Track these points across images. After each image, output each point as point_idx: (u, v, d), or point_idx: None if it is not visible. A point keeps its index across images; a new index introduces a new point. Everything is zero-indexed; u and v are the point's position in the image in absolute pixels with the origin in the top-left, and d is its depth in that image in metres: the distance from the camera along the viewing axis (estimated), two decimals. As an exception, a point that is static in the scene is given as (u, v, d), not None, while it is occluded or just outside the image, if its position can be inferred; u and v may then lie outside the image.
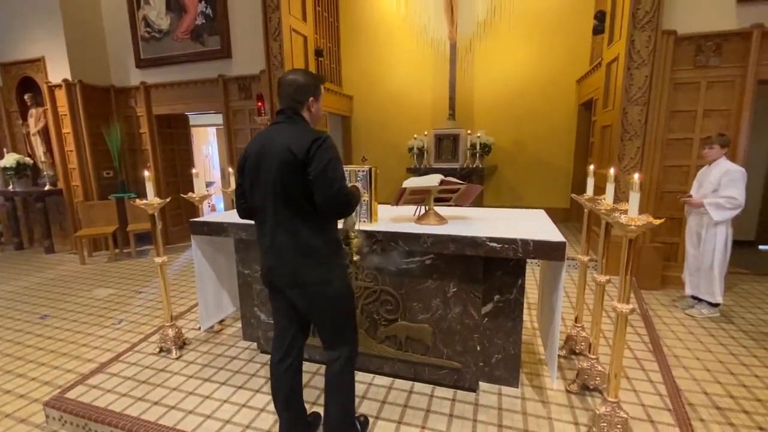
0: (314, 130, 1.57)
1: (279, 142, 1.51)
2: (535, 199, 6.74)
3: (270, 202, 1.56)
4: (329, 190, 1.48)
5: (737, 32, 3.50)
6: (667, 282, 3.93)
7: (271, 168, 1.52)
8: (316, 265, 1.59)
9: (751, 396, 2.28)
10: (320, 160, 1.47)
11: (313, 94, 1.62)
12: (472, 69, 6.89)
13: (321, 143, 1.49)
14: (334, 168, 1.49)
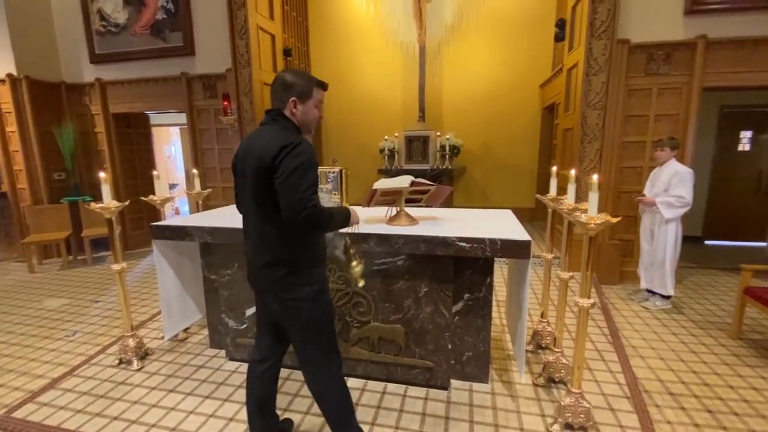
0: (291, 134, 1.48)
1: (257, 143, 1.48)
2: (503, 200, 6.94)
3: (249, 206, 1.56)
4: (289, 200, 1.38)
5: (684, 42, 3.77)
6: (624, 277, 4.15)
7: (249, 171, 1.49)
8: (287, 275, 1.53)
9: (700, 381, 2.45)
10: (286, 167, 1.39)
11: (298, 95, 1.52)
12: (440, 72, 7.01)
13: (290, 149, 1.40)
14: (299, 176, 1.38)
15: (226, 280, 2.54)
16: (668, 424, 2.07)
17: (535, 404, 2.18)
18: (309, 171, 1.42)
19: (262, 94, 5.03)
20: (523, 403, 2.19)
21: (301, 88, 1.53)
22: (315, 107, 1.58)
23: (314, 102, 1.57)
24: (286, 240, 1.51)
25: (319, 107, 1.60)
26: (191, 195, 3.35)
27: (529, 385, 2.35)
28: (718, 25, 3.66)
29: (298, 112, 1.55)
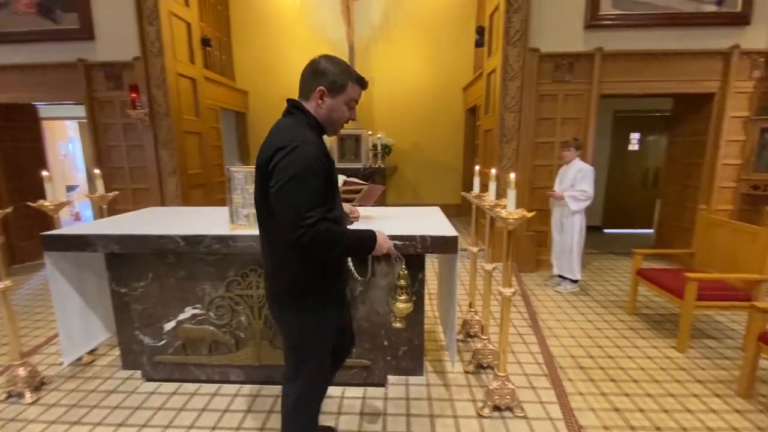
0: (299, 132, 1.25)
1: (266, 140, 1.29)
2: (432, 197, 7.21)
3: (257, 210, 1.36)
4: (283, 218, 1.19)
5: (584, 54, 4.23)
6: (539, 264, 4.57)
7: (256, 172, 1.30)
8: (287, 286, 1.35)
9: (605, 354, 2.78)
10: (280, 176, 1.17)
11: (328, 86, 1.29)
12: (370, 71, 7.04)
13: (287, 152, 1.17)
14: (294, 188, 1.16)
15: (140, 293, 2.28)
16: (580, 395, 2.32)
17: (466, 391, 2.29)
18: (306, 181, 1.17)
19: (178, 87, 4.63)
20: (455, 391, 2.29)
21: (334, 79, 1.29)
22: (346, 105, 1.34)
23: (346, 99, 1.33)
24: (288, 251, 1.28)
25: (352, 107, 1.37)
26: (94, 198, 2.95)
27: (460, 373, 2.47)
28: (613, 39, 4.17)
29: (323, 106, 1.32)
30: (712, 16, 4.04)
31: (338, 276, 1.44)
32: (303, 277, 1.33)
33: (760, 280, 2.68)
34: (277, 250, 1.33)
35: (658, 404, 2.23)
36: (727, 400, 2.26)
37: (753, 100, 4.16)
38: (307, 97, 1.32)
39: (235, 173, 2.11)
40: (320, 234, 1.17)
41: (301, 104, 1.34)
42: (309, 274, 1.33)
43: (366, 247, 1.36)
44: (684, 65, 4.17)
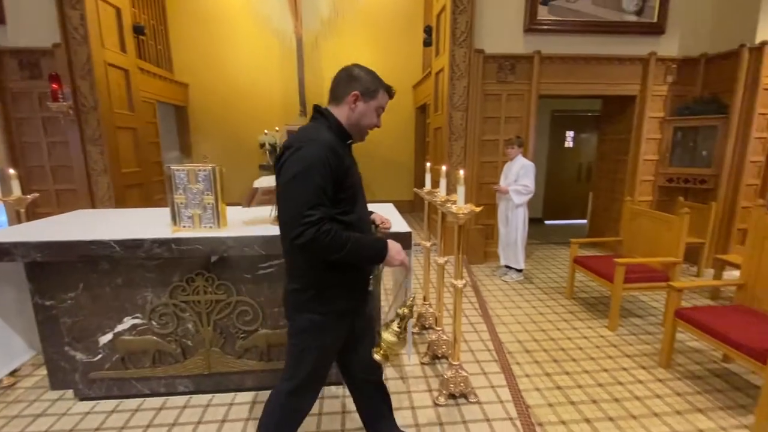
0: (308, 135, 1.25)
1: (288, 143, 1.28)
2: (386, 193, 7.28)
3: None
4: (283, 217, 1.19)
5: (524, 56, 4.48)
6: (488, 256, 4.79)
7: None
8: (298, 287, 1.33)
9: (548, 337, 2.99)
10: (284, 175, 1.18)
11: (362, 90, 1.32)
12: (320, 66, 6.94)
13: (292, 152, 1.18)
14: (295, 187, 1.15)
15: (69, 305, 2.07)
16: (527, 377, 2.48)
17: (423, 382, 2.36)
18: (308, 179, 1.15)
19: (107, 78, 4.24)
20: (412, 382, 2.35)
21: (367, 84, 1.34)
22: (375, 111, 1.38)
23: (376, 105, 1.37)
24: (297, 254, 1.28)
25: (379, 114, 1.40)
26: (8, 202, 2.63)
27: (417, 365, 2.53)
28: (549, 43, 4.45)
29: (356, 110, 1.34)
30: (633, 25, 4.46)
31: (352, 284, 1.39)
32: (314, 280, 1.31)
33: (675, 263, 3.02)
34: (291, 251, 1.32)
35: (594, 379, 2.44)
36: (651, 371, 2.53)
37: (667, 102, 4.66)
38: (340, 101, 1.35)
39: (176, 171, 1.98)
40: (320, 234, 1.14)
41: (325, 109, 1.37)
42: (319, 277, 1.30)
43: (374, 257, 1.31)
44: (610, 69, 4.57)
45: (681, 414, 2.13)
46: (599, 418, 2.11)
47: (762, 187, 4.28)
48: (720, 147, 4.29)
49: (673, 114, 4.63)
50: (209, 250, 1.93)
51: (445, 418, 2.05)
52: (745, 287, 2.54)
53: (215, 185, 1.97)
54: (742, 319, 2.28)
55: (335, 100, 1.36)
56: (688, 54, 4.54)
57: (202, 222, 2.01)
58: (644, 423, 2.06)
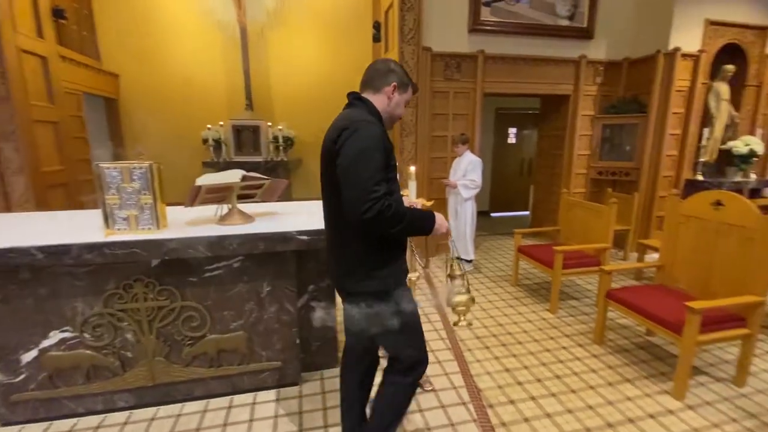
0: (359, 117, 1.31)
1: (330, 129, 1.36)
2: (339, 189, 7.22)
3: (324, 195, 1.43)
4: (349, 193, 1.21)
5: (469, 55, 4.64)
6: (440, 248, 4.94)
7: (322, 159, 1.39)
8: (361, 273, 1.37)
9: (496, 323, 3.15)
10: (346, 153, 1.23)
11: (398, 82, 1.41)
12: (267, 59, 6.69)
13: (352, 131, 1.23)
14: (361, 163, 1.20)
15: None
16: (478, 362, 2.60)
17: (380, 375, 2.38)
18: (374, 156, 1.22)
19: (21, 66, 3.77)
20: (369, 377, 2.37)
21: (402, 78, 1.43)
22: (404, 104, 1.47)
23: (406, 98, 1.47)
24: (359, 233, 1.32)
25: (406, 107, 1.50)
26: None
27: (373, 359, 2.56)
28: (492, 43, 4.65)
29: (393, 100, 1.43)
30: (566, 29, 4.79)
31: (402, 258, 1.46)
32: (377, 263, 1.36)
33: (606, 248, 3.32)
34: (346, 235, 1.35)
35: (538, 359, 2.62)
36: (587, 348, 2.77)
37: (596, 101, 5.07)
38: (378, 90, 1.42)
39: (106, 170, 1.82)
40: (386, 208, 1.19)
41: (364, 96, 1.43)
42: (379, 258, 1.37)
43: (427, 227, 1.38)
44: (547, 70, 4.87)
45: (612, 385, 2.36)
46: (543, 395, 2.27)
47: (676, 179, 4.82)
48: (640, 143, 4.76)
49: (601, 112, 5.05)
50: (148, 254, 1.80)
51: (403, 408, 2.09)
52: (663, 268, 2.85)
53: (153, 184, 1.84)
54: (660, 297, 2.56)
55: (373, 89, 1.43)
56: (613, 58, 4.97)
57: (140, 224, 1.87)
58: (582, 396, 2.26)
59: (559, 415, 2.10)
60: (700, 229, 2.57)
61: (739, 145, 4.56)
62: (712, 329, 2.21)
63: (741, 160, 4.60)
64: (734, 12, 4.54)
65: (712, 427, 2.01)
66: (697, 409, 2.15)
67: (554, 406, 2.18)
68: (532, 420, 2.06)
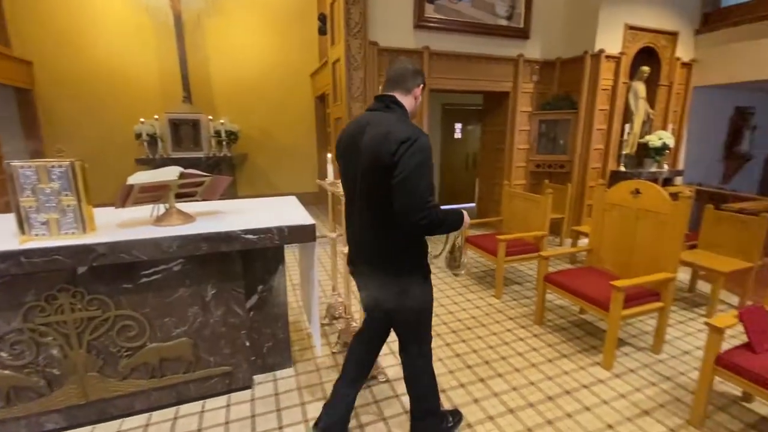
0: (408, 126, 1.37)
1: (372, 134, 1.38)
2: (288, 186, 7.06)
3: (357, 195, 1.49)
4: (408, 202, 1.31)
5: (415, 51, 4.71)
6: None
7: (361, 163, 1.42)
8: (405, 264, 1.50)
9: (447, 311, 3.27)
10: (405, 165, 1.30)
11: (423, 83, 1.53)
12: (205, 49, 6.32)
13: (410, 145, 1.30)
14: (419, 176, 1.30)
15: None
16: (430, 350, 2.68)
17: (334, 371, 2.39)
18: (427, 169, 1.33)
19: None
20: (324, 373, 2.36)
21: (424, 79, 1.54)
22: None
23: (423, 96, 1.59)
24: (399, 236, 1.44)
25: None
26: None
27: (328, 355, 2.55)
28: (437, 40, 4.75)
29: (418, 101, 1.55)
30: (505, 29, 5.03)
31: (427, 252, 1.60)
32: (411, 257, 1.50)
33: (543, 235, 3.56)
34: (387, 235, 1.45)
35: (486, 343, 2.77)
36: (529, 329, 2.96)
37: (533, 98, 5.39)
38: (409, 91, 1.50)
39: (20, 169, 1.63)
40: (436, 215, 1.35)
41: (398, 99, 1.48)
42: (415, 253, 1.51)
43: (458, 226, 1.53)
44: (489, 68, 5.09)
45: (551, 361, 2.55)
46: (491, 376, 2.40)
47: (603, 170, 5.27)
48: (572, 137, 5.15)
49: (538, 109, 5.38)
50: (73, 261, 1.64)
51: (357, 401, 2.10)
52: (592, 251, 3.12)
53: (75, 183, 1.67)
54: (590, 278, 2.81)
55: (404, 90, 1.49)
56: (548, 57, 5.31)
57: (62, 228, 1.69)
58: (525, 374, 2.42)
59: (505, 394, 2.24)
60: (622, 215, 2.85)
61: (654, 139, 5.09)
62: (633, 305, 2.47)
63: (656, 152, 5.14)
64: (649, 18, 5.04)
65: (635, 392, 2.26)
66: (623, 376, 2.40)
67: (501, 385, 2.31)
68: (482, 400, 2.18)
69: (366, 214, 1.48)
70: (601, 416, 2.06)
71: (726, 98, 6.29)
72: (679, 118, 5.66)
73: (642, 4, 4.96)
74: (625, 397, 2.21)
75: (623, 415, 2.06)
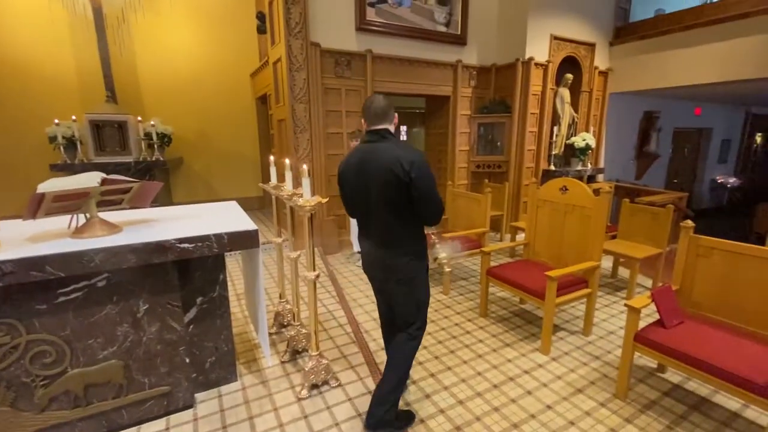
0: (410, 149, 1.74)
1: (381, 158, 1.72)
2: (230, 191, 6.73)
3: (374, 206, 1.80)
4: (433, 208, 1.75)
5: (358, 53, 4.73)
6: (342, 245, 4.98)
7: (372, 182, 1.75)
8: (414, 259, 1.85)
9: (396, 311, 3.31)
10: (424, 182, 1.68)
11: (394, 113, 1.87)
12: (131, 46, 5.83)
13: (419, 164, 1.67)
14: (433, 187, 1.72)
15: None
16: (382, 349, 2.69)
17: (285, 380, 2.31)
18: (434, 180, 1.75)
19: None
20: (273, 384, 2.28)
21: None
22: None
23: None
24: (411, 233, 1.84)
25: None
26: None
27: (277, 365, 2.47)
28: (379, 43, 4.81)
29: (395, 126, 1.87)
30: (444, 35, 5.22)
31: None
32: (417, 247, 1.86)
33: (485, 232, 3.75)
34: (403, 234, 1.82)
35: (435, 339, 2.85)
36: (474, 322, 3.10)
37: (472, 102, 5.66)
38: (391, 121, 1.84)
39: None
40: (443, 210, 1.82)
41: (389, 130, 1.83)
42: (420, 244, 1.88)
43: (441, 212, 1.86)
44: (430, 72, 5.25)
45: (496, 351, 2.69)
46: (441, 370, 2.47)
47: (536, 169, 5.67)
48: (508, 139, 5.48)
49: (476, 112, 5.66)
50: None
51: (309, 409, 2.07)
52: (528, 245, 3.34)
53: (-28, 194, 1.46)
54: (527, 270, 3.00)
55: (389, 122, 1.83)
56: (484, 63, 5.60)
57: None
58: (472, 365, 2.52)
59: (455, 386, 2.31)
60: (552, 210, 3.09)
61: (579, 141, 5.57)
62: (565, 292, 2.68)
63: (580, 152, 5.64)
64: (571, 30, 5.51)
65: (570, 372, 2.45)
66: (559, 359, 2.59)
67: (450, 378, 2.39)
68: (433, 395, 2.24)
69: (387, 218, 1.80)
70: (541, 398, 2.20)
71: (637, 103, 7.06)
72: (599, 121, 6.25)
73: (565, 16, 5.42)
74: (561, 378, 2.39)
75: (560, 395, 2.23)
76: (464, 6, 5.23)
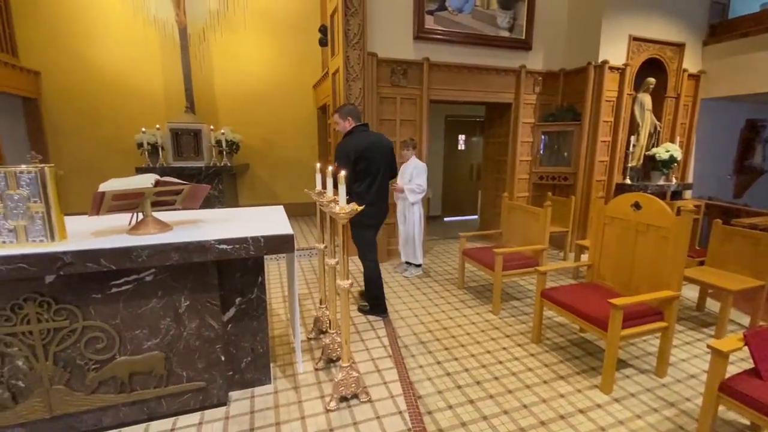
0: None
1: (382, 140, 3.06)
2: (289, 195, 7.03)
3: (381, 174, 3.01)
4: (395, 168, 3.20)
5: (415, 62, 4.69)
6: (391, 254, 4.92)
7: (383, 156, 3.02)
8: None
9: (441, 327, 3.15)
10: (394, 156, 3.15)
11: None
12: (210, 61, 6.41)
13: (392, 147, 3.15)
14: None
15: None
16: (420, 367, 2.57)
17: (315, 389, 2.28)
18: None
19: None
20: (304, 391, 2.25)
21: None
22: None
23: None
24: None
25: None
26: None
27: (310, 372, 2.44)
28: (437, 51, 4.73)
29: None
30: (506, 40, 4.99)
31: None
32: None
33: (542, 249, 3.43)
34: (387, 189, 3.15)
35: (479, 362, 2.64)
36: (525, 347, 2.82)
37: (536, 110, 5.31)
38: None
39: (-11, 175, 1.59)
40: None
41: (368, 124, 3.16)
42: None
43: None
44: (490, 79, 5.04)
45: (547, 383, 2.41)
46: (481, 397, 2.27)
47: (608, 182, 5.13)
48: (576, 149, 5.04)
49: (540, 120, 5.29)
50: (40, 269, 1.59)
51: (336, 422, 2.00)
52: (592, 267, 2.99)
53: (45, 190, 1.63)
54: (589, 294, 2.67)
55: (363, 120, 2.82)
56: (550, 68, 5.24)
57: (30, 235, 1.65)
58: (518, 396, 2.28)
59: (495, 417, 2.11)
60: (622, 230, 2.72)
61: (661, 152, 4.94)
62: (634, 324, 2.33)
63: (663, 165, 4.99)
64: (655, 30, 4.95)
65: (635, 418, 2.11)
66: (623, 401, 2.25)
67: (491, 408, 2.18)
68: (469, 424, 2.05)
69: (384, 180, 3.05)
70: (596, 445, 1.91)
71: (736, 110, 6.12)
72: (687, 131, 5.51)
73: (647, 15, 4.89)
74: (624, 424, 2.06)
75: (621, 445, 1.92)
76: (530, 9, 4.96)
